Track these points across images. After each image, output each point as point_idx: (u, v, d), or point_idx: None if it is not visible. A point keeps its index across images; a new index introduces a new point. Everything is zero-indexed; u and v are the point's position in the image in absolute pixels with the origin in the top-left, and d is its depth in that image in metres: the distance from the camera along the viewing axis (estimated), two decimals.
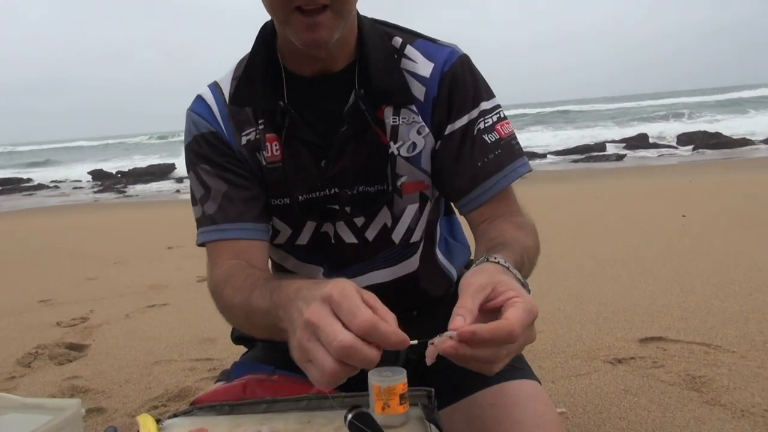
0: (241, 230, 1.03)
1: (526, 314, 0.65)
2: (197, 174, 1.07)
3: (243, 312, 0.86)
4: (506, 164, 1.04)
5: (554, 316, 2.52)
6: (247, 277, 0.91)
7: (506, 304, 0.67)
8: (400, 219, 1.08)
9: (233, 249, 1.03)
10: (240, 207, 1.04)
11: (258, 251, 1.05)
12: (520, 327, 0.63)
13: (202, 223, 1.06)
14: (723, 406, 1.59)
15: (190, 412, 0.95)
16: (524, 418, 1.01)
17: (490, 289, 0.70)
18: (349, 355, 0.59)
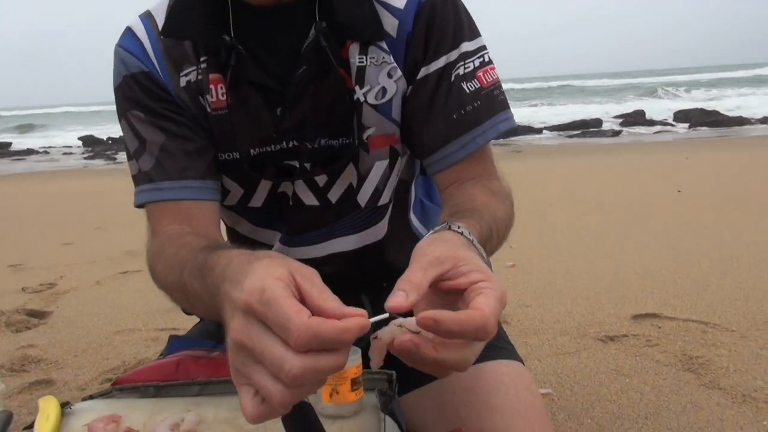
0: (183, 189, 0.88)
1: (498, 303, 0.51)
2: (129, 123, 0.90)
3: (180, 293, 0.74)
4: (485, 119, 0.88)
5: (543, 290, 2.39)
6: (179, 250, 0.77)
7: (472, 289, 0.53)
8: (366, 178, 0.93)
9: (175, 212, 0.88)
10: (181, 161, 0.88)
11: (206, 214, 0.90)
12: (494, 317, 0.50)
13: (139, 181, 0.91)
14: (722, 390, 1.46)
15: (108, 393, 0.81)
16: (503, 404, 0.87)
17: (450, 265, 0.55)
18: (306, 380, 0.44)
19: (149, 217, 0.91)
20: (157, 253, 0.83)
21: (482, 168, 0.91)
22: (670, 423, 1.33)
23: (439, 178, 0.92)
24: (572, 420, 1.37)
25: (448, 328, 0.48)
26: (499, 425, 0.86)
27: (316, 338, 0.43)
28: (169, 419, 0.71)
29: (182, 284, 0.70)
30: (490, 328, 0.49)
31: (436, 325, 0.48)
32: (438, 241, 0.60)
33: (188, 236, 0.82)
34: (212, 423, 0.72)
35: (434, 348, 0.50)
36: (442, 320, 0.48)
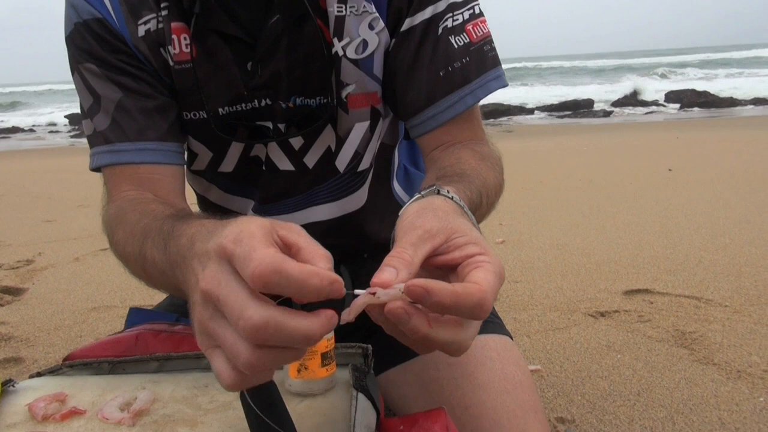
0: (141, 152, 0.80)
1: (497, 279, 0.45)
2: (82, 77, 0.82)
3: (138, 265, 0.68)
4: (474, 77, 0.80)
5: (533, 265, 2.33)
6: (141, 217, 0.70)
7: (468, 263, 0.46)
8: (345, 141, 0.85)
9: (134, 177, 0.80)
10: (140, 121, 0.80)
11: (168, 180, 0.82)
12: (493, 294, 0.44)
13: (94, 142, 0.83)
14: (717, 366, 1.42)
15: (58, 370, 0.74)
16: (490, 380, 0.81)
17: (443, 237, 0.48)
18: (266, 336, 0.37)
19: (106, 182, 0.84)
20: (117, 218, 0.75)
21: (470, 131, 0.84)
22: (663, 400, 1.28)
23: (423, 141, 0.85)
24: (562, 397, 1.32)
25: (440, 300, 0.41)
26: (485, 402, 0.80)
27: (278, 273, 0.37)
28: (119, 397, 0.64)
29: (142, 254, 0.64)
30: (487, 305, 0.42)
31: (427, 296, 0.41)
32: (427, 211, 0.52)
33: (152, 203, 0.75)
34: (168, 401, 0.65)
35: (427, 322, 0.43)
36: (435, 291, 0.41)
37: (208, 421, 0.60)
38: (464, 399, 0.81)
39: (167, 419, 0.61)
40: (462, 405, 0.80)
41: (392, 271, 0.44)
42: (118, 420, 0.61)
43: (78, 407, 0.64)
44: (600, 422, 1.21)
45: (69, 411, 0.62)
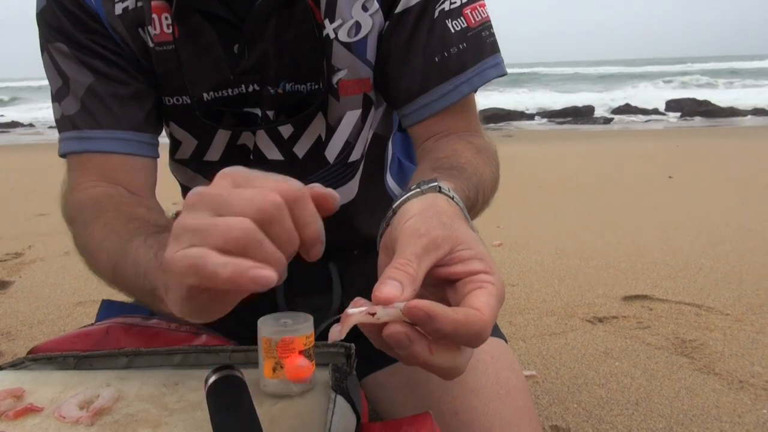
0: (113, 141, 0.76)
1: (498, 303, 0.42)
2: (52, 57, 0.77)
3: (111, 263, 0.64)
4: (471, 64, 0.76)
5: (531, 269, 2.29)
6: (129, 219, 0.66)
7: (470, 281, 0.43)
8: (336, 130, 0.80)
9: (103, 167, 0.76)
10: (113, 108, 0.75)
11: (140, 173, 0.78)
12: (492, 321, 0.41)
13: (62, 127, 0.78)
14: (718, 375, 1.37)
15: (20, 364, 0.69)
16: (482, 385, 0.77)
17: (448, 248, 0.44)
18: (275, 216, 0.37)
19: (70, 169, 0.79)
20: (92, 212, 0.70)
21: (465, 122, 0.80)
22: (662, 409, 1.23)
23: (415, 131, 0.80)
24: (557, 404, 1.27)
25: (440, 327, 0.38)
26: (476, 408, 0.75)
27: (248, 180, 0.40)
28: (79, 395, 0.59)
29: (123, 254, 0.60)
30: (486, 335, 0.40)
31: (428, 321, 0.38)
32: (431, 214, 0.47)
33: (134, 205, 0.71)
34: (133, 400, 0.60)
35: (429, 348, 0.40)
36: (438, 317, 0.38)
37: (173, 422, 0.56)
38: (454, 404, 0.76)
39: (129, 419, 0.56)
40: (452, 410, 0.76)
41: (396, 286, 0.41)
42: (76, 419, 0.56)
43: (35, 404, 0.59)
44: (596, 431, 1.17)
45: (24, 408, 0.58)
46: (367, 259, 0.89)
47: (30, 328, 1.83)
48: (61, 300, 2.10)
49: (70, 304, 2.05)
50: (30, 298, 2.14)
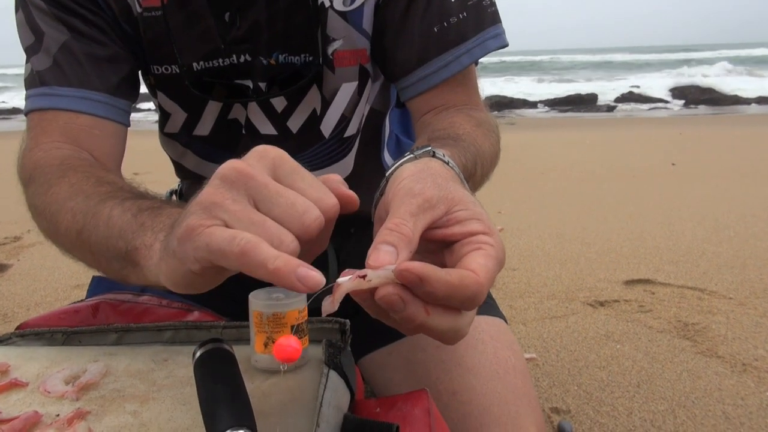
0: (83, 100, 0.71)
1: (497, 266, 0.40)
2: (27, 14, 0.73)
3: (76, 224, 0.58)
4: (472, 34, 0.73)
5: (532, 253, 2.27)
6: (100, 182, 0.61)
7: (467, 242, 0.41)
8: (331, 103, 0.78)
9: (70, 127, 0.71)
10: (88, 67, 0.71)
11: (109, 139, 0.73)
12: (489, 284, 0.39)
13: (29, 84, 0.74)
14: (720, 358, 1.36)
15: (6, 339, 0.68)
16: (480, 364, 0.75)
17: (444, 209, 0.42)
18: None
19: (31, 127, 0.73)
20: (57, 171, 0.65)
21: (465, 95, 0.77)
22: (664, 392, 1.22)
23: (414, 104, 0.78)
24: (557, 387, 1.26)
25: (433, 290, 0.36)
26: (475, 387, 0.74)
27: None
28: (66, 370, 0.58)
29: (93, 216, 0.56)
30: (481, 297, 0.38)
31: (420, 283, 0.36)
32: (425, 175, 0.45)
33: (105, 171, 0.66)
34: (120, 375, 0.58)
35: (425, 310, 0.38)
36: (429, 279, 0.36)
37: (161, 397, 0.54)
38: (452, 383, 0.75)
39: (116, 394, 0.55)
40: (450, 390, 0.75)
41: (391, 252, 0.39)
42: (61, 394, 0.54)
43: (20, 379, 0.57)
44: (597, 413, 1.15)
45: (8, 382, 0.56)
46: (363, 237, 0.87)
47: (27, 311, 1.82)
48: (59, 283, 2.09)
49: (68, 287, 2.04)
50: (27, 281, 2.13)
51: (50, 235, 0.64)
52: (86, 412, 0.50)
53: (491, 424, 0.71)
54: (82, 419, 0.48)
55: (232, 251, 0.35)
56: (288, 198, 0.37)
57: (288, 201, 0.37)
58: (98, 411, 0.51)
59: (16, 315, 1.79)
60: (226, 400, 0.43)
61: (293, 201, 0.37)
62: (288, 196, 0.37)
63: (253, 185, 0.38)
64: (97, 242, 0.54)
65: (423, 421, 0.54)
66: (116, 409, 0.52)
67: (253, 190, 0.38)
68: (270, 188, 0.38)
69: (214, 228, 0.36)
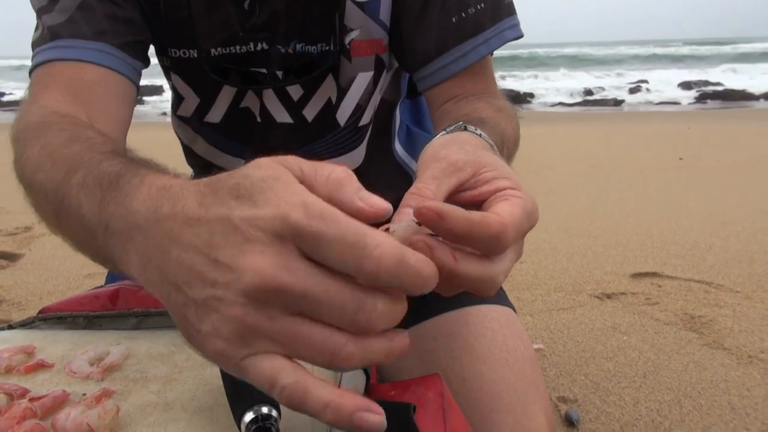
0: (94, 51, 0.68)
1: (525, 216, 0.38)
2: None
3: (50, 203, 0.50)
4: (489, 24, 0.74)
5: (539, 247, 2.28)
6: (70, 141, 0.53)
7: (495, 197, 0.40)
8: (347, 92, 0.79)
9: (76, 81, 0.66)
10: (102, 24, 0.69)
11: (116, 95, 0.69)
12: (515, 230, 0.37)
13: (39, 43, 0.70)
14: (727, 350, 1.37)
15: (30, 323, 0.69)
16: (489, 352, 0.76)
17: (471, 171, 0.41)
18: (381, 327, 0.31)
19: (34, 83, 0.68)
20: (37, 129, 0.58)
21: (483, 83, 0.78)
22: (671, 382, 1.23)
23: (433, 94, 0.78)
24: (564, 376, 1.27)
25: (452, 227, 0.34)
26: (484, 374, 0.75)
27: (398, 267, 0.30)
28: (90, 352, 0.60)
29: (60, 193, 0.48)
30: (505, 239, 0.36)
31: (439, 221, 0.34)
32: (453, 143, 0.45)
33: (89, 129, 0.58)
34: (142, 358, 0.60)
35: (452, 255, 0.36)
36: (448, 215, 0.34)
37: (183, 378, 0.56)
38: (462, 371, 0.76)
39: (139, 375, 0.56)
40: (460, 377, 0.76)
41: (410, 212, 0.38)
42: (86, 374, 0.56)
43: (46, 360, 0.59)
44: (604, 403, 1.16)
45: (35, 363, 0.58)
46: None
47: (40, 299, 1.85)
48: (70, 272, 2.12)
49: (79, 277, 2.06)
50: (39, 270, 2.15)
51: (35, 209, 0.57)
52: (112, 391, 0.52)
53: (501, 411, 0.71)
54: (109, 397, 0.50)
55: (277, 396, 0.31)
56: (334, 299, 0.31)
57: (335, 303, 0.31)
58: (123, 391, 0.53)
59: (29, 303, 1.82)
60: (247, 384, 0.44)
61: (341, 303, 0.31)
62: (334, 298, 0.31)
63: (289, 298, 0.31)
64: (78, 239, 0.47)
65: (437, 404, 0.55)
66: (140, 389, 0.54)
67: (290, 298, 0.31)
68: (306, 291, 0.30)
69: (248, 362, 0.32)
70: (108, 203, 0.40)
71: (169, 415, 0.49)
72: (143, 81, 0.78)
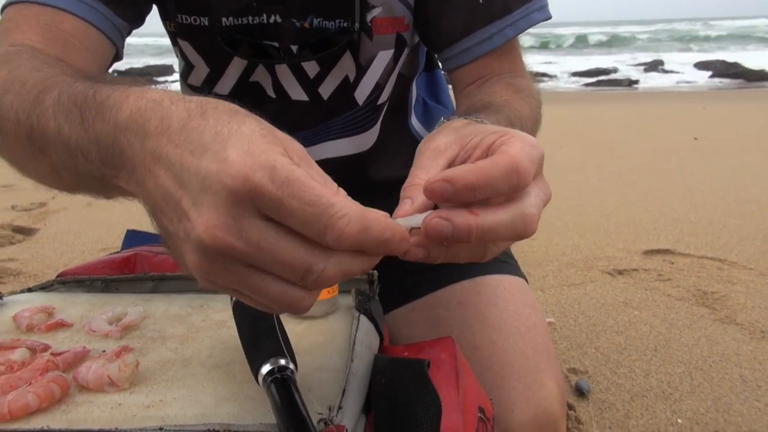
0: (77, 2, 0.64)
1: (527, 145, 0.38)
2: None
3: (24, 127, 0.45)
4: (516, 6, 0.72)
5: (550, 224, 2.27)
6: (41, 65, 0.51)
7: (491, 151, 0.39)
8: (367, 70, 0.78)
9: (50, 28, 0.62)
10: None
11: (92, 53, 0.65)
12: (525, 158, 0.36)
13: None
14: (739, 325, 1.36)
15: (49, 286, 0.71)
16: (502, 320, 0.76)
17: (456, 147, 0.42)
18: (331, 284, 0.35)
19: (5, 21, 0.64)
20: (5, 57, 0.54)
21: (510, 64, 0.76)
22: (682, 356, 1.23)
23: (458, 75, 0.77)
24: (575, 349, 1.28)
25: (467, 182, 0.34)
26: (496, 343, 0.75)
27: (364, 233, 0.31)
28: (108, 312, 0.61)
29: (31, 114, 0.44)
30: (522, 169, 0.35)
31: (451, 186, 0.34)
32: (442, 129, 0.46)
33: (64, 65, 0.55)
34: (159, 318, 0.61)
35: (470, 212, 0.35)
36: (455, 176, 0.34)
37: (200, 337, 0.57)
38: (474, 339, 0.76)
39: (156, 334, 0.57)
40: (471, 345, 0.76)
41: (407, 201, 0.38)
42: (106, 333, 0.57)
43: (66, 320, 0.60)
44: (614, 374, 1.17)
45: (55, 322, 0.59)
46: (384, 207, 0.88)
47: (56, 272, 1.85)
48: (85, 246, 2.14)
49: (94, 251, 2.09)
50: (55, 244, 2.18)
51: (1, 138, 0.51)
52: (131, 348, 0.53)
53: (512, 378, 0.72)
54: (129, 352, 0.51)
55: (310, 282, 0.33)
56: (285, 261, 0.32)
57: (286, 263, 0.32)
58: (142, 348, 0.54)
59: (45, 275, 1.84)
60: (266, 333, 0.45)
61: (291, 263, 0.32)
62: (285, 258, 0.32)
63: (240, 256, 0.32)
64: (57, 157, 0.43)
65: (450, 364, 0.56)
66: (158, 347, 0.55)
67: (241, 256, 0.32)
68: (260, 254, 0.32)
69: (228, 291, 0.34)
70: (93, 121, 0.39)
71: (187, 371, 0.50)
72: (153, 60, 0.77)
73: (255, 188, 0.30)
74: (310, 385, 0.47)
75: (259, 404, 0.44)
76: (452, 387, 0.53)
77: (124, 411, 0.44)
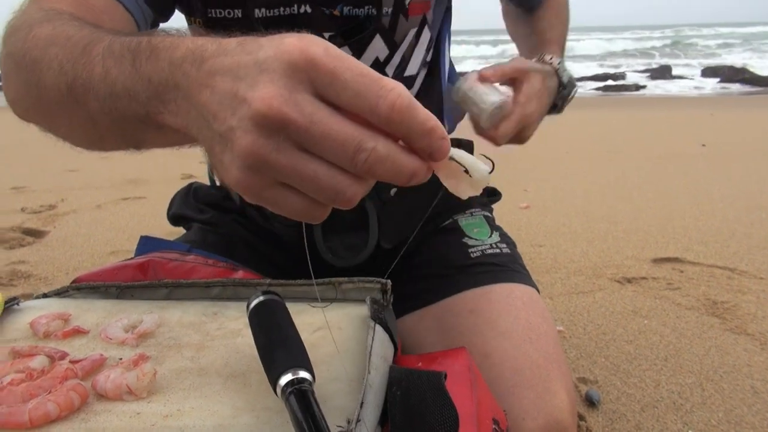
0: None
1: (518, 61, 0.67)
2: None
3: (64, 78, 0.46)
4: None
5: (558, 230, 2.26)
6: (84, 26, 0.50)
7: None
8: (397, 49, 0.81)
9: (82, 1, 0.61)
10: None
11: None
12: None
13: None
14: (750, 336, 1.35)
15: (64, 292, 0.71)
16: (513, 328, 0.77)
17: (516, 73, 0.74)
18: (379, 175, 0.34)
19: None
20: (45, 17, 0.54)
21: None
22: (692, 366, 1.22)
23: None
24: (585, 358, 1.27)
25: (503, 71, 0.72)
26: (507, 350, 0.75)
27: (413, 111, 0.32)
28: (124, 319, 0.61)
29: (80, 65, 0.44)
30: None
31: None
32: None
33: None
34: (174, 326, 0.61)
35: None
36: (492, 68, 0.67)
37: (215, 346, 0.57)
38: (485, 346, 0.76)
39: (172, 342, 0.58)
40: (482, 353, 0.76)
41: None
42: (122, 340, 0.57)
43: (82, 327, 0.61)
44: (624, 384, 1.16)
45: (71, 329, 0.59)
46: (403, 198, 0.88)
47: (66, 274, 1.88)
48: (95, 249, 2.15)
49: (104, 254, 2.10)
50: (65, 246, 2.19)
51: (31, 92, 0.51)
52: (147, 356, 0.53)
53: (522, 386, 0.72)
54: (146, 361, 0.51)
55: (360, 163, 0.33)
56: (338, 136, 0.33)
57: (338, 139, 0.33)
58: (158, 356, 0.55)
59: (55, 278, 1.85)
60: (283, 344, 0.45)
61: (343, 140, 0.32)
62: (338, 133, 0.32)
63: (293, 131, 0.32)
64: (98, 104, 0.43)
65: (464, 376, 0.56)
66: (174, 355, 0.55)
67: (296, 136, 0.33)
68: (312, 130, 0.32)
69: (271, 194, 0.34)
70: (146, 61, 0.40)
71: (203, 380, 0.50)
72: None
73: (311, 59, 0.32)
74: (326, 396, 0.47)
75: (276, 415, 0.45)
76: (467, 398, 0.53)
77: (143, 420, 0.44)
